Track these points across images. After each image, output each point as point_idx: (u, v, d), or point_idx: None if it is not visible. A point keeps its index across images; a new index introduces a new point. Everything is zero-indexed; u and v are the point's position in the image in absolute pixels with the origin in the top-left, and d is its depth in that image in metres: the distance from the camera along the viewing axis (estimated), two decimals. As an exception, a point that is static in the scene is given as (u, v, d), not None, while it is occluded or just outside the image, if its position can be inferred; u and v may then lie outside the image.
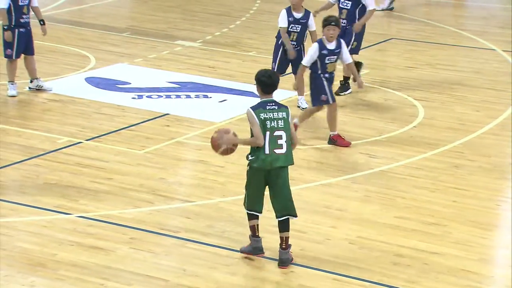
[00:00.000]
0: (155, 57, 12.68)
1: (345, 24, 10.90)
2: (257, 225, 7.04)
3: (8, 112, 10.19)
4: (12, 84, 10.68)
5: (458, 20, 15.53)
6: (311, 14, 10.49)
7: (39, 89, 10.83)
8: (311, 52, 9.42)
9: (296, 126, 9.47)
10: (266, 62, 12.29)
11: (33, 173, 8.55)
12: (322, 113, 9.95)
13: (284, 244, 6.92)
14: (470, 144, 9.75)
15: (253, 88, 11.05)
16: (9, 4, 10.38)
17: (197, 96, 10.62)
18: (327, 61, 9.44)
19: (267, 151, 6.84)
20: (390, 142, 9.76)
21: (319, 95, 9.50)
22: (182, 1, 16.06)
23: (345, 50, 9.52)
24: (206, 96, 11.00)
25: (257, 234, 7.04)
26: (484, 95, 11.52)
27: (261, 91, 6.92)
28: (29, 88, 10.85)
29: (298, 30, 10.42)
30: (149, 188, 8.33)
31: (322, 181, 8.69)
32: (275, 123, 6.83)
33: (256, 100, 7.12)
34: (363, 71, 11.65)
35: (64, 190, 8.20)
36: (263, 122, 6.82)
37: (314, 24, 10.46)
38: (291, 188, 7.05)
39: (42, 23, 10.71)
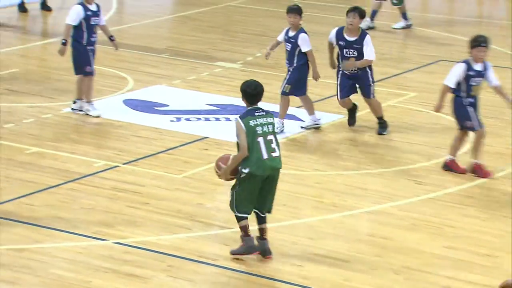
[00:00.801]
0: (195, 79, 12.80)
1: (357, 71, 10.54)
2: (247, 224, 7.39)
3: (44, 134, 10.38)
4: (91, 104, 10.87)
5: (505, 41, 15.41)
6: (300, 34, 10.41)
7: (81, 110, 11.00)
8: (457, 72, 9.30)
9: (474, 168, 9.32)
10: (308, 84, 12.33)
11: (68, 197, 8.68)
12: (355, 136, 9.94)
13: (265, 235, 7.40)
14: (524, 171, 9.65)
15: (294, 110, 11.12)
16: (81, 22, 10.67)
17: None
18: (472, 83, 9.31)
19: (265, 156, 7.25)
20: (439, 168, 9.70)
21: (464, 121, 9.40)
22: (222, 22, 16.22)
23: (491, 71, 9.38)
24: (246, 119, 11.04)
25: (248, 233, 7.38)
26: (538, 119, 11.39)
27: (246, 101, 7.41)
28: (72, 109, 11.02)
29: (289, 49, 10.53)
30: (186, 213, 8.39)
31: (366, 208, 8.67)
32: (266, 128, 7.29)
33: (295, 124, 7.15)
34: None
35: (100, 215, 8.30)
36: (253, 129, 7.25)
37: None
38: (334, 215, 7.05)
39: (112, 38, 11.01)
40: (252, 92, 7.37)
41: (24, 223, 8.06)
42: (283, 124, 10.56)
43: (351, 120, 10.84)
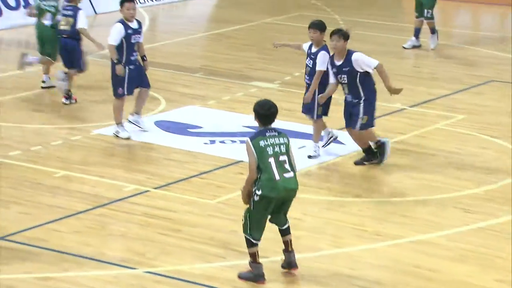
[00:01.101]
0: (229, 99, 12.87)
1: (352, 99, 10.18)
2: (257, 251, 7.51)
3: (72, 157, 10.50)
4: (121, 126, 11.02)
5: None
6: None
7: (136, 125, 11.17)
8: None
9: None
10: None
11: (97, 223, 8.76)
12: (399, 160, 9.85)
13: (290, 247, 7.58)
14: None
15: (337, 133, 11.10)
16: (121, 41, 10.82)
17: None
18: None
19: (277, 177, 7.35)
20: (489, 196, 9.62)
21: None
22: (257, 39, 16.31)
23: None
24: (284, 142, 11.06)
25: (258, 260, 7.51)
26: None
27: (259, 122, 7.49)
28: (129, 121, 11.19)
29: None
30: (220, 241, 8.41)
31: (411, 237, 8.61)
32: (278, 148, 7.36)
33: (336, 147, 7.15)
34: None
35: (130, 243, 8.36)
36: (263, 150, 7.34)
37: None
38: (377, 244, 7.03)
39: (144, 58, 11.17)
40: (265, 113, 7.45)
41: (51, 250, 8.15)
42: (319, 147, 10.56)
43: (367, 156, 10.29)
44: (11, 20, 15.97)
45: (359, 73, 10.01)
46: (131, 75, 10.98)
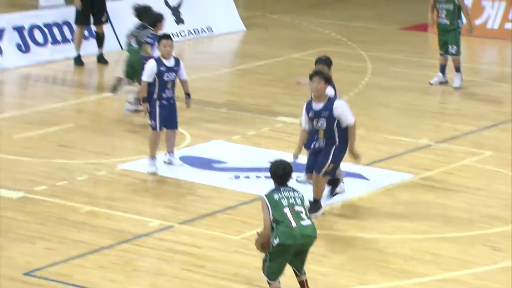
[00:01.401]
0: (254, 134, 12.90)
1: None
2: (279, 286, 7.65)
3: (97, 192, 10.56)
4: (153, 159, 11.06)
5: None
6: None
7: (170, 164, 11.25)
8: None
9: None
10: (376, 141, 12.32)
11: (122, 259, 8.78)
12: (425, 197, 9.78)
13: (306, 286, 7.69)
14: None
15: (359, 168, 11.08)
16: (154, 78, 10.93)
17: (298, 178, 10.70)
18: None
19: (294, 225, 7.49)
20: (517, 233, 9.54)
21: None
22: (284, 75, 16.36)
23: None
24: (309, 178, 11.06)
25: None
26: None
27: (275, 181, 7.79)
28: (164, 161, 11.26)
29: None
30: (244, 277, 8.40)
31: (438, 275, 8.54)
32: (293, 200, 7.57)
33: (360, 183, 7.13)
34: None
35: (154, 278, 8.37)
36: (278, 202, 7.54)
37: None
38: (402, 281, 6.98)
39: (188, 97, 11.29)
40: (281, 173, 7.77)
41: (76, 285, 8.17)
42: (344, 183, 10.53)
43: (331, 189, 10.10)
44: (39, 56, 16.16)
45: (337, 119, 9.68)
46: (162, 110, 11.05)
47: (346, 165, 11.55)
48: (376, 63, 16.57)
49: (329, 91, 9.99)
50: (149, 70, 10.98)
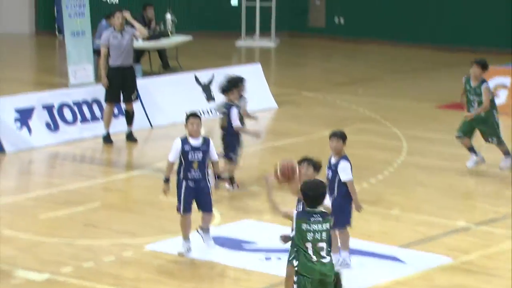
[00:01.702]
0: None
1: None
2: None
3: (124, 274, 10.39)
4: (184, 240, 10.87)
5: None
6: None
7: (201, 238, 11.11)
8: None
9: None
10: (411, 222, 12.06)
11: None
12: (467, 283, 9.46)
13: None
14: None
15: (396, 252, 10.82)
16: (180, 157, 10.76)
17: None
18: None
19: (314, 259, 7.60)
20: None
21: None
22: (316, 152, 16.16)
23: None
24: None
25: None
26: None
27: (306, 203, 7.77)
28: (197, 230, 11.10)
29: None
30: None
31: None
32: (319, 235, 7.65)
33: (395, 266, 6.92)
34: None
35: None
36: (303, 233, 7.71)
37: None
38: None
39: (216, 177, 11.21)
40: (313, 194, 7.71)
41: None
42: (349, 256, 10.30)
43: None
44: (67, 134, 16.22)
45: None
46: (188, 191, 10.82)
47: (380, 247, 11.29)
48: (411, 142, 16.40)
49: (343, 167, 10.32)
50: (174, 149, 10.80)
